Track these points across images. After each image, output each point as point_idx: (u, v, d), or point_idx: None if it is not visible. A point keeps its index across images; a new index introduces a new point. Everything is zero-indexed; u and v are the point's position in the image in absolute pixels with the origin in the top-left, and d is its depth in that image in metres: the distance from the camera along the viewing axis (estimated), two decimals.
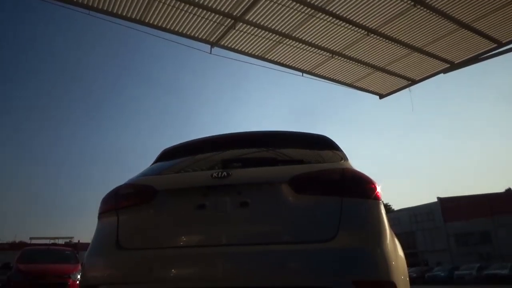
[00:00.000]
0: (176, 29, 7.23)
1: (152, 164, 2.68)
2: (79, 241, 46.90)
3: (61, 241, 47.25)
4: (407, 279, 1.99)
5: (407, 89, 10.08)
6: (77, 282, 8.25)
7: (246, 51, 8.14)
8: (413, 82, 9.76)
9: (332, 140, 2.62)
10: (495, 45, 8.16)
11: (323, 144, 2.53)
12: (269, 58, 8.47)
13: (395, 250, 1.94)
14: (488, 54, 8.47)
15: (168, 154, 2.68)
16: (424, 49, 8.27)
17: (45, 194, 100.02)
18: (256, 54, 8.27)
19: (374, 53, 8.45)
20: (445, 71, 9.18)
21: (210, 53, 7.83)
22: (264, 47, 8.08)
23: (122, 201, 2.16)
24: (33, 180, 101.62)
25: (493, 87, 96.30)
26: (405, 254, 2.23)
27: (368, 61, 8.80)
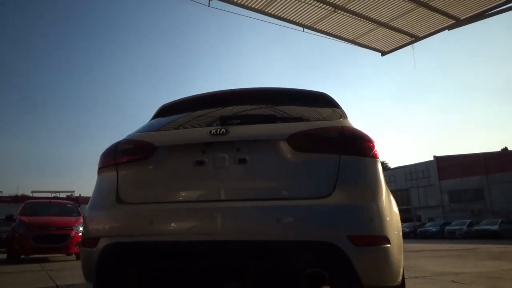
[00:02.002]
0: None
1: (151, 119, 2.67)
2: (80, 195, 47.72)
3: (62, 195, 48.09)
4: (400, 234, 2.06)
5: (410, 46, 9.88)
6: (80, 234, 8.49)
7: (246, 4, 7.87)
8: (416, 38, 9.54)
9: (331, 98, 2.59)
10: (503, 0, 7.89)
11: (323, 101, 2.52)
12: (269, 12, 8.20)
13: (390, 206, 1.99)
14: (496, 10, 8.22)
15: (167, 110, 2.67)
16: (430, 3, 8.01)
17: (46, 148, 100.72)
18: (256, 7, 8.00)
19: (378, 7, 8.19)
20: (450, 27, 8.95)
21: (209, 5, 7.57)
22: (264, 0, 7.80)
23: (122, 157, 2.18)
24: (34, 134, 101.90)
25: (497, 45, 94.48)
26: (399, 210, 2.29)
27: (372, 16, 8.55)
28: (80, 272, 2.19)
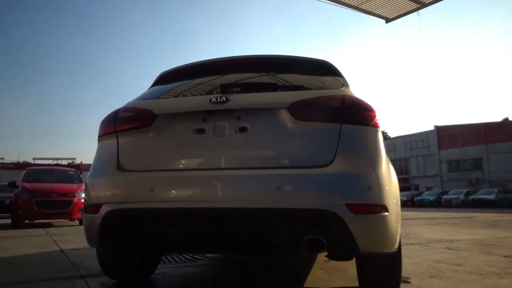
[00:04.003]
0: None
1: (150, 87, 2.64)
2: (81, 162, 48.01)
3: (63, 162, 48.36)
4: (398, 202, 2.08)
5: (415, 12, 9.63)
6: (82, 200, 8.60)
7: None
8: (422, 5, 9.30)
9: (333, 66, 2.55)
10: None
11: (324, 69, 2.48)
12: None
13: (389, 175, 2.00)
14: None
15: (166, 78, 2.63)
16: None
17: (48, 115, 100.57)
18: None
19: None
20: None
21: None
22: None
23: (122, 124, 2.17)
24: (36, 100, 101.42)
25: (503, 13, 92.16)
26: (398, 179, 2.30)
27: None
28: (83, 237, 2.24)
